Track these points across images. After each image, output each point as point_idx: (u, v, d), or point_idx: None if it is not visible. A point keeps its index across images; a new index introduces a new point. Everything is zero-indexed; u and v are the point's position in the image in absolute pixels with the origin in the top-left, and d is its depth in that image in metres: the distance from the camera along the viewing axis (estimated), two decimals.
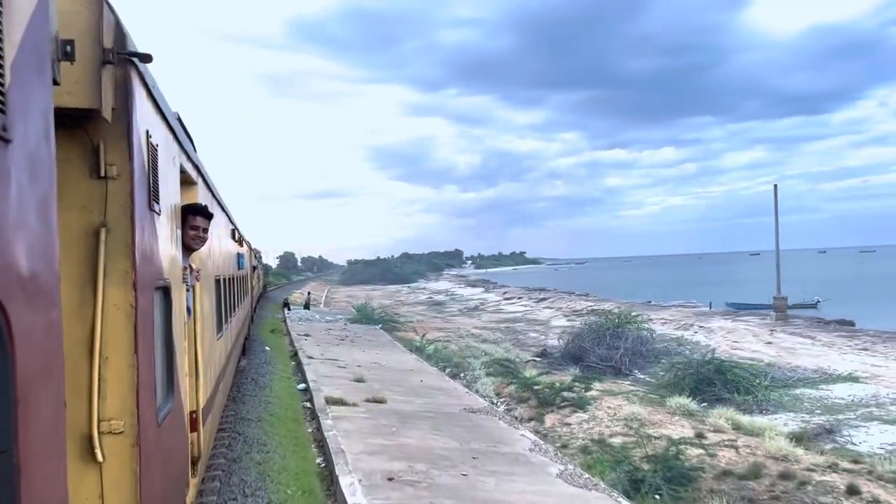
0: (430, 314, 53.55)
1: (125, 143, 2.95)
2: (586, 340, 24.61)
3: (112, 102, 2.86)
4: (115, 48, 2.81)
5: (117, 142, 2.94)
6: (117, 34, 2.87)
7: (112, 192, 2.94)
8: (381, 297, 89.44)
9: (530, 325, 40.99)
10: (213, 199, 7.48)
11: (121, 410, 2.91)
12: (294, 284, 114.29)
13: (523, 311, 51.38)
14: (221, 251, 8.76)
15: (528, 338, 34.45)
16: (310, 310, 44.63)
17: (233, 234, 11.46)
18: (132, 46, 3.00)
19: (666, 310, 42.01)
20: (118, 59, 2.85)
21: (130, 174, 2.98)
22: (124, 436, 2.91)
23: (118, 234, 2.95)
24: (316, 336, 27.86)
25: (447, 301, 69.54)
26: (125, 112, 2.96)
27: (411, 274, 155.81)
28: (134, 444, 2.93)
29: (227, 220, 10.09)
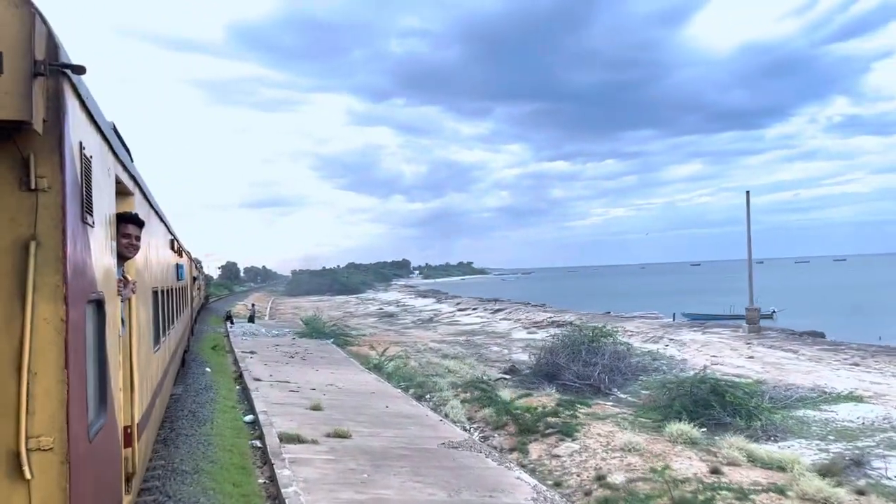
0: (382, 326, 51.07)
1: (57, 155, 2.92)
2: (560, 356, 22.70)
3: (43, 114, 2.84)
4: (46, 60, 2.80)
5: (49, 154, 2.90)
6: (49, 45, 2.85)
7: (43, 204, 2.91)
8: (330, 309, 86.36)
9: (491, 339, 39.00)
10: (151, 209, 7.35)
11: (50, 427, 2.86)
12: (237, 296, 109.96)
13: (480, 323, 49.41)
14: (159, 262, 8.61)
15: (491, 352, 32.43)
16: (255, 323, 41.77)
17: (171, 244, 11.17)
18: (65, 58, 2.99)
19: (629, 321, 40.64)
20: (50, 70, 2.83)
21: (62, 186, 2.95)
22: (53, 452, 2.85)
23: (49, 248, 2.92)
24: (263, 353, 25.29)
25: (399, 312, 67.01)
26: (57, 124, 2.93)
27: (359, 284, 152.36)
28: (63, 461, 2.88)
29: (165, 229, 9.91)
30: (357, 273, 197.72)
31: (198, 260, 40.18)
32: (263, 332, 35.96)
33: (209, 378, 17.77)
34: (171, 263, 11.06)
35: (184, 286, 16.47)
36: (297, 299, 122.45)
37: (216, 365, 21.31)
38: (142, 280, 6.14)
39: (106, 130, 4.10)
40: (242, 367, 20.71)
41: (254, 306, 44.91)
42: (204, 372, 18.84)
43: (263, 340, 31.25)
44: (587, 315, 45.62)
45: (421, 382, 21.50)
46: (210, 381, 17.12)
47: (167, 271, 10.20)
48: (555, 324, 42.93)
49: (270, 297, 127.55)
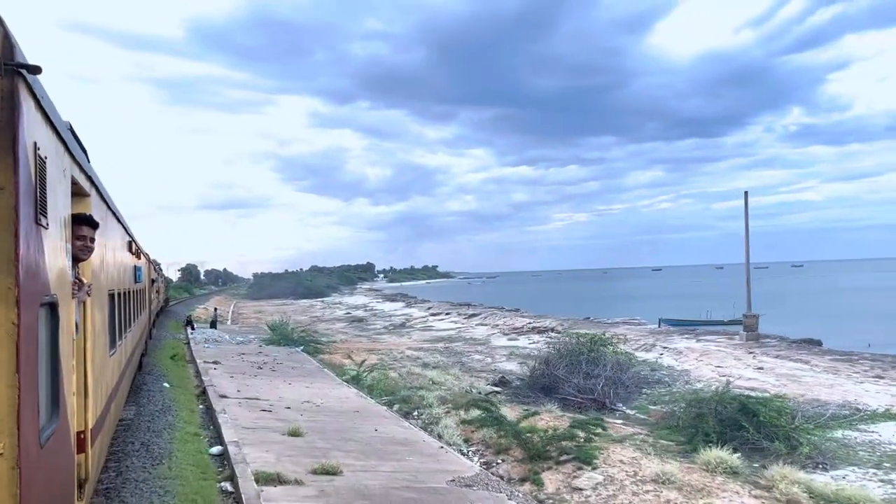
0: (353, 332, 48.62)
1: (10, 156, 2.84)
2: (559, 367, 20.72)
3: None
4: (1, 59, 2.76)
5: (2, 155, 2.81)
6: (4, 45, 2.80)
7: None
8: (295, 313, 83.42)
9: (470, 345, 36.89)
10: (108, 211, 7.22)
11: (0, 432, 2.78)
12: (197, 299, 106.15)
13: (456, 329, 47.25)
14: (116, 264, 8.42)
15: (473, 360, 30.35)
16: (217, 328, 39.07)
17: (129, 245, 10.99)
18: (21, 57, 2.93)
19: (613, 327, 38.94)
20: (5, 70, 2.80)
21: (15, 187, 2.87)
22: (4, 458, 2.78)
23: (1, 249, 2.82)
24: (228, 363, 22.87)
25: (368, 317, 64.47)
26: (11, 124, 2.85)
27: (324, 287, 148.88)
28: (14, 467, 2.81)
29: (122, 231, 9.68)
30: (321, 276, 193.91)
31: (156, 262, 38.34)
32: (227, 338, 33.39)
33: (167, 396, 15.39)
34: (128, 265, 10.81)
35: (142, 289, 16.09)
36: (259, 303, 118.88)
37: (176, 378, 18.88)
38: (97, 282, 6.00)
39: (62, 130, 4.06)
40: (206, 380, 18.32)
41: (216, 310, 42.15)
42: (161, 388, 16.43)
43: (227, 348, 28.75)
44: (568, 321, 43.82)
45: (406, 397, 19.38)
46: (168, 401, 14.76)
47: (124, 273, 9.98)
48: (535, 330, 41.04)
49: (232, 300, 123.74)
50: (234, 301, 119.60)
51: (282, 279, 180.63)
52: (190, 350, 26.87)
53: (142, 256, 16.45)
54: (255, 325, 58.51)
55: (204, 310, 77.70)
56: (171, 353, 24.87)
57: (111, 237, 7.41)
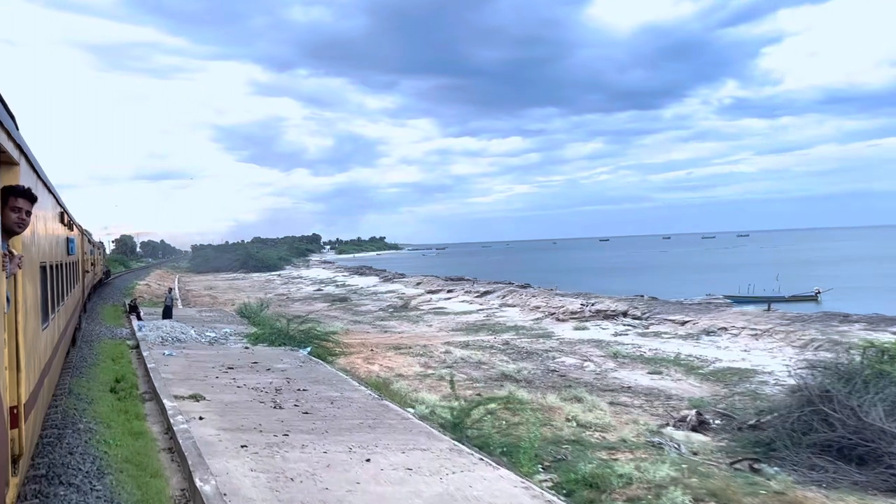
0: (345, 317, 38.54)
1: None
2: (842, 400, 11.50)
3: None
4: None
5: None
6: None
7: None
8: (253, 289, 72.42)
9: (534, 340, 27.47)
10: (39, 180, 7.12)
11: None
12: (135, 273, 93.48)
13: (482, 312, 37.75)
14: (48, 236, 8.38)
15: (567, 367, 21.05)
16: (172, 318, 28.57)
17: (61, 217, 10.70)
18: None
19: (707, 310, 30.10)
20: None
21: None
22: None
23: None
24: (218, 397, 12.91)
25: (350, 296, 54.15)
26: None
27: (276, 260, 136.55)
28: None
29: (54, 201, 9.49)
30: (270, 248, 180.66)
31: (89, 233, 30.18)
32: (192, 334, 23.08)
33: None
34: (60, 238, 10.59)
35: (75, 261, 15.32)
36: (206, 277, 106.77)
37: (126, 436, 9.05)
38: (29, 255, 5.92)
39: None
40: (195, 450, 8.43)
41: (171, 291, 31.58)
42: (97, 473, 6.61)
43: (201, 356, 18.61)
44: (630, 301, 34.72)
45: (594, 476, 9.91)
46: None
47: (56, 246, 9.83)
48: (601, 314, 32.01)
49: (174, 274, 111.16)
50: (176, 275, 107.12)
51: (225, 251, 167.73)
52: (142, 363, 16.69)
53: (74, 228, 15.88)
54: (213, 306, 47.81)
55: (146, 286, 65.99)
56: (112, 372, 14.74)
57: (42, 208, 7.00)
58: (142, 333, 22.05)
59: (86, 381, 13.22)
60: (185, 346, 20.47)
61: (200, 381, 14.65)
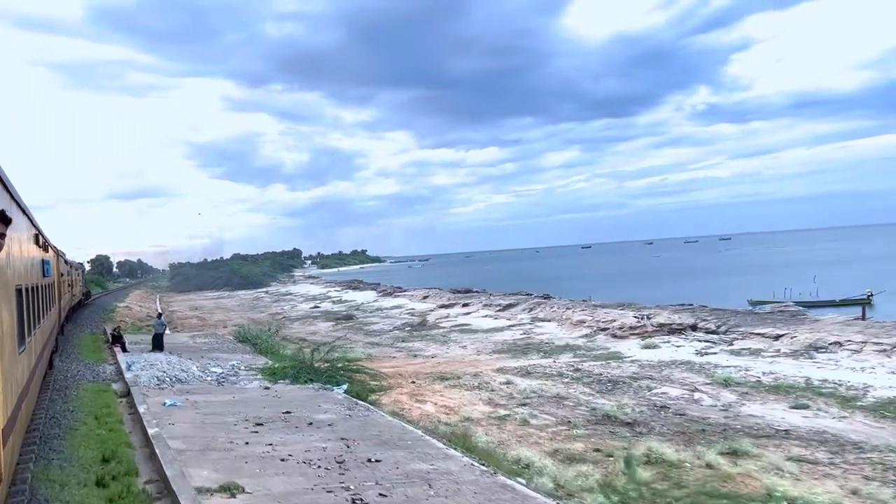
0: (359, 338, 34.01)
1: None
2: None
3: None
4: None
5: None
6: None
7: None
8: (241, 308, 67.53)
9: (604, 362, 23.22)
10: (13, 201, 7.01)
11: None
12: (113, 295, 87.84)
13: (517, 329, 33.43)
14: (23, 258, 8.24)
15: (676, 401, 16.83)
16: (164, 348, 23.97)
17: (36, 238, 10.64)
18: None
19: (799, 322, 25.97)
20: None
21: None
22: None
23: None
24: (253, 473, 8.55)
25: (354, 313, 49.52)
26: None
27: (260, 276, 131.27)
28: None
29: (28, 223, 9.42)
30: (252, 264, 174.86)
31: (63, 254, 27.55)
32: (195, 370, 18.57)
33: None
34: (36, 260, 10.46)
35: (51, 283, 15.11)
36: (188, 296, 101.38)
37: None
38: (4, 278, 5.83)
39: None
40: None
41: (160, 318, 26.83)
42: None
43: (214, 404, 14.16)
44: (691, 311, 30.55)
45: None
46: None
47: (32, 268, 9.66)
48: (665, 328, 27.85)
49: (155, 294, 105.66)
50: (157, 295, 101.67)
51: (207, 269, 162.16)
52: (138, 421, 12.21)
53: (50, 249, 15.42)
54: (203, 329, 43.08)
55: (126, 308, 60.90)
56: (97, 444, 10.31)
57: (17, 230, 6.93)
58: (132, 374, 17.50)
59: (59, 465, 8.79)
60: (190, 388, 15.98)
61: (226, 450, 10.27)
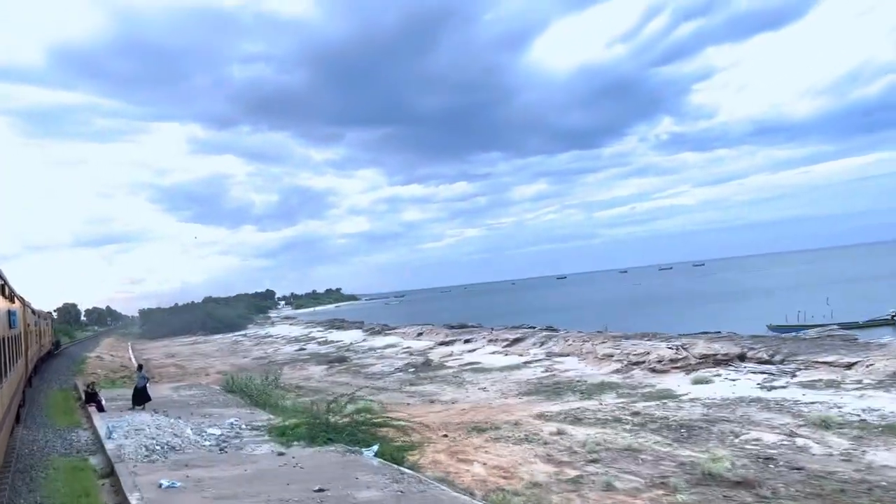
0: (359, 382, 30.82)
1: None
2: None
3: None
4: None
5: None
6: None
7: None
8: (221, 353, 63.79)
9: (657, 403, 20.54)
10: None
11: None
12: (83, 344, 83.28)
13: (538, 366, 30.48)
14: None
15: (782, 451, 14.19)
16: (145, 406, 20.84)
17: (2, 289, 10.42)
18: None
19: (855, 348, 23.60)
20: None
21: None
22: None
23: None
24: None
25: (347, 354, 46.31)
26: None
27: (237, 318, 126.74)
28: None
29: None
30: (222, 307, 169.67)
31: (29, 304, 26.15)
32: (190, 434, 15.54)
33: None
34: (1, 311, 10.16)
35: (17, 334, 14.84)
36: (161, 343, 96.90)
37: None
38: None
39: None
40: None
41: (141, 370, 23.46)
42: None
43: (223, 482, 11.23)
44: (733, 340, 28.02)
45: None
46: None
47: None
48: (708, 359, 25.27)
49: (126, 341, 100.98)
50: (129, 343, 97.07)
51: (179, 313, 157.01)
52: None
53: (16, 300, 15.22)
54: (184, 378, 39.66)
55: (97, 359, 56.91)
56: None
57: None
58: (114, 442, 14.43)
59: None
60: (188, 459, 13.00)
61: None
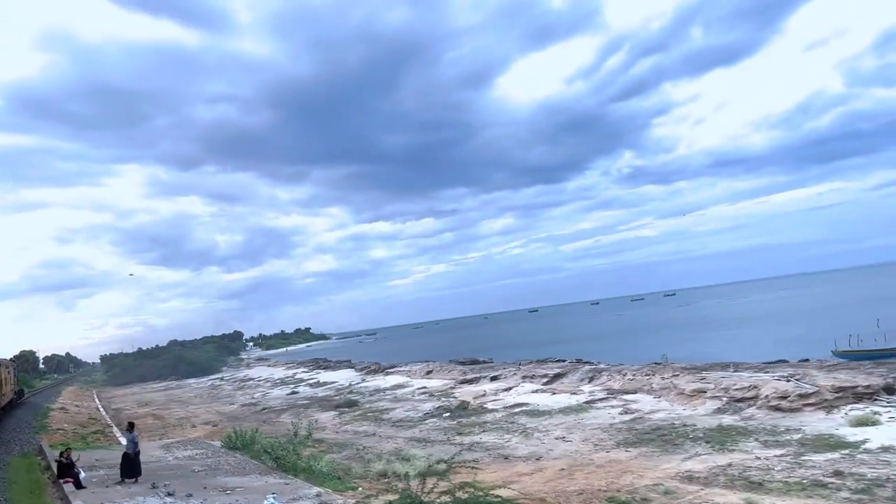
0: (388, 432, 26.07)
1: None
2: None
3: None
4: None
5: None
6: None
7: None
8: (201, 400, 57.90)
9: (850, 458, 16.07)
10: None
11: None
12: (43, 394, 76.23)
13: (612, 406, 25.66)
14: None
15: None
16: (138, 479, 15.96)
17: None
18: None
19: None
20: None
21: None
22: None
23: None
24: None
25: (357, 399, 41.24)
26: None
27: (210, 361, 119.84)
28: None
29: None
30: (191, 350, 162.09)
31: None
32: None
33: None
34: None
35: None
36: (130, 390, 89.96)
37: None
38: None
39: None
40: None
41: (132, 431, 18.45)
42: None
43: None
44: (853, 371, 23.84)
45: None
46: None
47: None
48: (847, 392, 21.08)
49: (90, 390, 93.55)
50: (93, 391, 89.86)
51: (146, 357, 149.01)
52: None
53: None
54: (166, 430, 34.28)
55: (61, 410, 50.94)
56: None
57: None
58: None
59: None
60: None
61: None
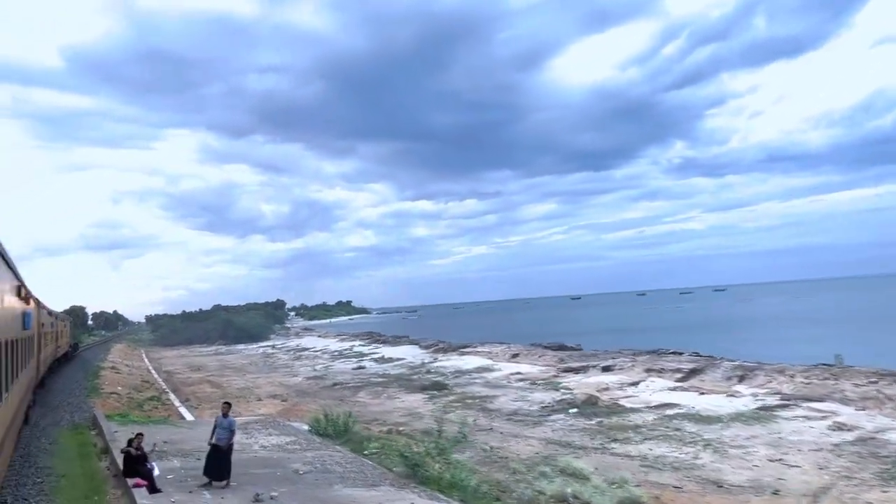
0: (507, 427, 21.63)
1: None
2: None
3: None
4: None
5: None
6: None
7: None
8: (257, 369, 54.52)
9: None
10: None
11: None
12: (92, 351, 74.01)
13: (818, 422, 20.80)
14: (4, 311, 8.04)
15: None
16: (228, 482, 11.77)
17: (18, 290, 10.41)
18: None
19: None
20: None
21: None
22: None
23: None
24: None
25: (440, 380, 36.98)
26: None
27: (259, 328, 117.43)
28: None
29: (12, 275, 9.20)
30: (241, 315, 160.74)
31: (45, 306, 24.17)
32: None
33: None
34: (17, 312, 10.19)
35: (30, 335, 14.92)
36: (177, 351, 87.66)
37: None
38: None
39: None
40: None
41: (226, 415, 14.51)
42: None
43: None
44: None
45: None
46: None
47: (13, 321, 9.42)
48: None
49: (138, 349, 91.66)
50: (141, 350, 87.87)
51: (194, 320, 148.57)
52: None
53: (31, 301, 15.16)
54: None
55: (112, 370, 47.94)
56: None
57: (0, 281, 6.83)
58: None
59: None
60: None
61: None
